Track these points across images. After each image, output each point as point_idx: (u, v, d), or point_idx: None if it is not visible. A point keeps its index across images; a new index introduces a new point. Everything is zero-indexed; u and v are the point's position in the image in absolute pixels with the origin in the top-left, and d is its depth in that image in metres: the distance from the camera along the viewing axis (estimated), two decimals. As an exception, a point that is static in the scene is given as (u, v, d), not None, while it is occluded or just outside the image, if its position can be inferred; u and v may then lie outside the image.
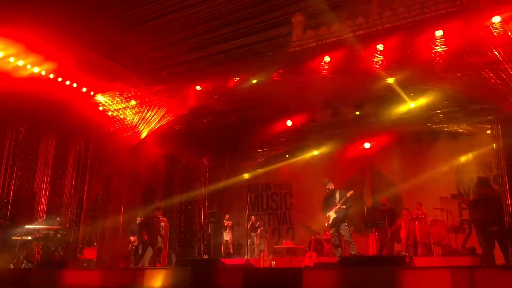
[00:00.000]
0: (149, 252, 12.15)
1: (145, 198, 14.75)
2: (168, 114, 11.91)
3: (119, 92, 11.79)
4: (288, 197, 15.24)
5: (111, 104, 12.06)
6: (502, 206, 9.12)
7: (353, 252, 9.53)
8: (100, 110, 12.18)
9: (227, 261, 9.49)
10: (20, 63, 10.14)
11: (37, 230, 10.30)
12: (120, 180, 13.87)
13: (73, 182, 12.63)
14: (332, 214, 9.54)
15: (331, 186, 9.88)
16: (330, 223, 9.62)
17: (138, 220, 11.71)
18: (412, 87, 10.66)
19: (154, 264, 11.22)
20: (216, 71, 10.87)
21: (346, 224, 9.60)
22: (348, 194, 9.57)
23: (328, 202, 9.77)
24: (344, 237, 9.71)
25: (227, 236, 13.43)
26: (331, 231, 9.77)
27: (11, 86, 9.87)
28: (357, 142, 13.59)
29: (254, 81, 10.77)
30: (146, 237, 11.11)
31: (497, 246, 8.63)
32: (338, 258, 8.71)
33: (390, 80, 10.02)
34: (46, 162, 12.20)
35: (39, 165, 12.07)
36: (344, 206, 9.51)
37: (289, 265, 11.41)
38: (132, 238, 11.39)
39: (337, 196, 9.63)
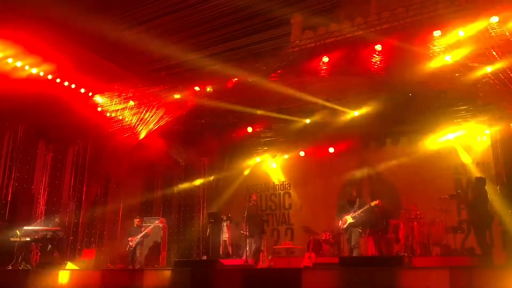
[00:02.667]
0: (150, 254, 12.15)
1: (144, 199, 14.75)
2: (167, 115, 11.90)
3: (117, 93, 11.77)
4: (287, 197, 15.21)
5: (109, 105, 12.05)
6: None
7: None
8: (98, 111, 12.16)
9: (226, 261, 9.48)
10: (19, 64, 10.13)
11: (36, 231, 10.24)
12: (118, 181, 13.85)
13: (72, 183, 12.58)
14: (349, 219, 9.69)
15: (354, 193, 10.13)
16: (345, 226, 9.72)
17: (137, 221, 11.62)
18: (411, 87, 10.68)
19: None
20: (214, 72, 10.86)
21: (360, 230, 9.75)
22: (373, 204, 9.69)
23: (346, 207, 9.88)
24: (352, 241, 9.76)
25: (225, 236, 13.40)
26: (346, 236, 9.90)
27: (9, 87, 9.86)
28: (356, 142, 13.56)
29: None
30: (247, 233, 10.70)
31: (496, 246, 8.63)
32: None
33: None
34: (44, 163, 12.16)
35: (38, 166, 12.03)
36: (363, 213, 9.64)
37: (288, 265, 11.40)
38: (130, 239, 11.34)
39: (357, 203, 9.78)
